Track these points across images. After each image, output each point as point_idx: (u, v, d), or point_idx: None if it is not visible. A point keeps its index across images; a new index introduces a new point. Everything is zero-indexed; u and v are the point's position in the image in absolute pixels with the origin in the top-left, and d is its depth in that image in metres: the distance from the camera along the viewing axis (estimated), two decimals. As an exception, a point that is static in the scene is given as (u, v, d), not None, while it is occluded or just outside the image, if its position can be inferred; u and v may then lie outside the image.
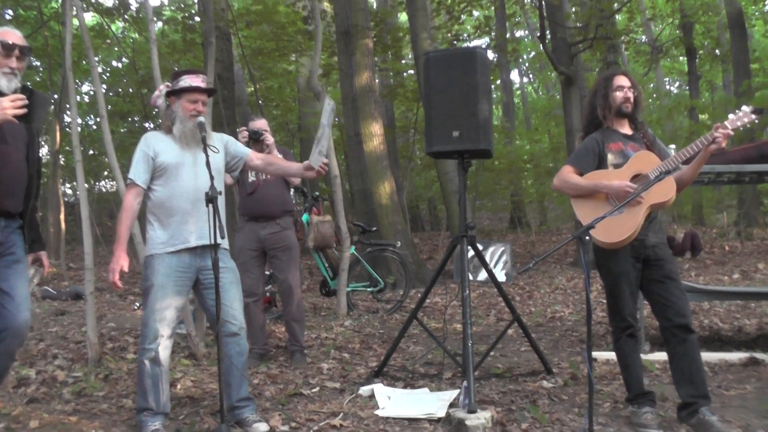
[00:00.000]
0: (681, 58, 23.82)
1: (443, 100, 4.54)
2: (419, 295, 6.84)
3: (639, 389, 3.81)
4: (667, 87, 29.61)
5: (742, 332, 6.46)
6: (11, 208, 3.44)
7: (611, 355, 4.53)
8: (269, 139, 5.35)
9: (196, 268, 3.71)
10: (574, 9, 13.56)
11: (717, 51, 20.29)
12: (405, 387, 4.63)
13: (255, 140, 5.33)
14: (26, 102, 3.16)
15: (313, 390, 4.60)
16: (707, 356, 5.12)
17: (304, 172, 3.96)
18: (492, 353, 5.32)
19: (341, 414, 3.99)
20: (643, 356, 4.83)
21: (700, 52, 20.58)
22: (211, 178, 3.44)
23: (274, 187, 5.52)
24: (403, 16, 19.58)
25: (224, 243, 3.74)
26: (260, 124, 5.49)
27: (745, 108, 3.64)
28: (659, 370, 4.93)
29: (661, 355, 4.74)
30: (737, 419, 3.84)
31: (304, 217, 7.78)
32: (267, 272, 7.72)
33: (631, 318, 3.79)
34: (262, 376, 4.96)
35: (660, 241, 3.82)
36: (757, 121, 3.62)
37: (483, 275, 9.82)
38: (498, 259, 10.29)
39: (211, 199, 3.39)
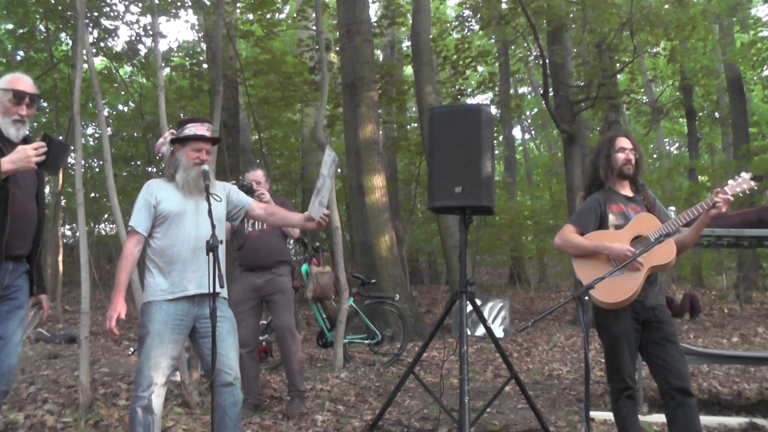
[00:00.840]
0: (681, 119, 24.10)
1: (447, 156, 4.58)
2: (416, 348, 6.79)
3: (636, 450, 3.76)
4: (667, 148, 29.85)
5: (741, 396, 6.40)
6: (21, 251, 3.46)
7: (609, 416, 4.47)
8: (266, 196, 5.32)
9: (193, 317, 3.69)
10: (576, 68, 13.76)
11: (716, 114, 20.57)
12: (400, 442, 4.57)
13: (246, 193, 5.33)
14: (46, 149, 3.23)
15: (307, 443, 4.53)
16: (706, 420, 5.06)
17: (305, 223, 3.96)
18: (489, 410, 5.26)
19: (334, 468, 3.93)
20: (641, 417, 4.77)
21: (700, 114, 20.86)
22: (213, 227, 3.45)
23: (269, 237, 5.56)
24: (408, 70, 19.86)
25: (223, 292, 3.73)
26: (255, 176, 5.55)
27: (744, 174, 3.69)
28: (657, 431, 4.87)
29: (660, 417, 4.68)
30: (736, 486, 3.77)
31: (304, 268, 7.76)
32: (263, 321, 7.71)
33: (630, 379, 3.76)
34: (255, 426, 4.89)
35: (659, 303, 3.82)
36: (756, 188, 3.66)
37: (481, 330, 9.76)
38: (496, 315, 10.23)
39: (212, 248, 3.39)
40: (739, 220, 5.89)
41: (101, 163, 14.23)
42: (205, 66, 14.25)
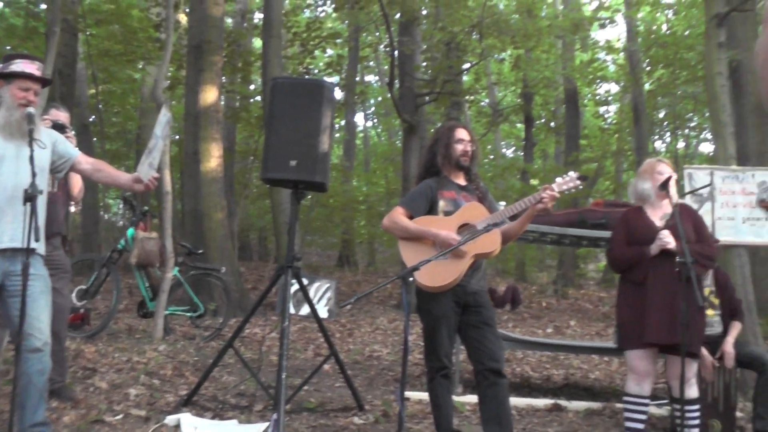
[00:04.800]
0: (519, 124, 25.24)
1: (285, 128, 4.49)
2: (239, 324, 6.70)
3: (448, 428, 3.91)
4: (504, 150, 31.30)
5: (549, 381, 6.90)
6: None
7: (424, 396, 4.63)
8: (73, 139, 4.75)
9: (2, 272, 3.41)
10: (424, 62, 14.08)
11: (552, 123, 21.82)
12: (214, 417, 4.49)
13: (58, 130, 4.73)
14: None
15: (117, 417, 4.33)
16: (516, 401, 5.42)
17: (133, 184, 3.76)
18: (306, 387, 5.29)
19: (143, 443, 3.80)
20: (455, 397, 5.00)
21: (537, 121, 22.02)
22: (33, 174, 3.19)
23: (56, 203, 4.79)
24: (257, 42, 19.49)
25: (40, 248, 3.46)
26: (59, 115, 4.83)
27: (571, 173, 3.92)
28: (469, 411, 5.12)
29: (473, 398, 4.90)
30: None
31: (130, 232, 7.43)
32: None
33: (446, 359, 3.90)
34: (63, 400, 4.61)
35: (481, 288, 3.98)
36: (581, 187, 3.91)
37: (306, 309, 9.78)
38: (322, 295, 10.31)
39: (30, 197, 3.13)
40: (563, 219, 6.31)
41: None
42: (43, 6, 13.23)
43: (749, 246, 6.57)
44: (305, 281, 4.94)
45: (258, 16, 19.58)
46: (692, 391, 4.07)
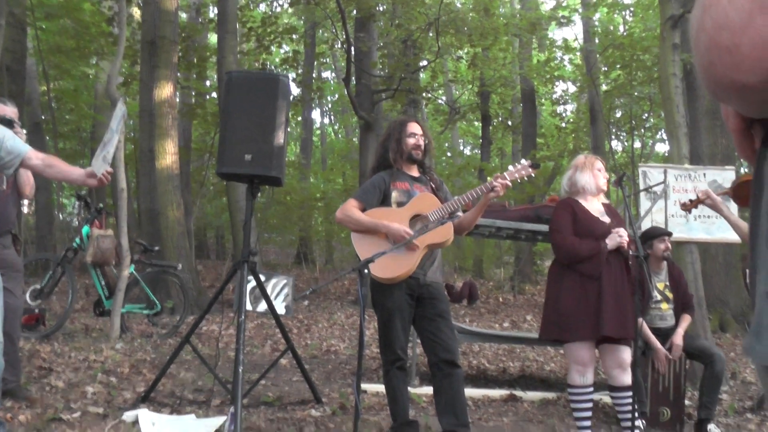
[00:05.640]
0: (476, 122, 25.48)
1: (240, 122, 4.46)
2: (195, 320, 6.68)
3: (404, 418, 3.96)
4: (461, 148, 31.54)
5: (506, 373, 7.02)
6: None
7: (381, 388, 4.69)
8: (23, 135, 4.52)
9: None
10: (381, 59, 14.13)
11: (509, 122, 22.04)
12: (172, 413, 4.48)
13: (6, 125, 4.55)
14: None
15: (74, 415, 4.29)
16: (472, 392, 5.51)
17: (86, 179, 3.70)
18: (264, 382, 5.31)
19: (101, 440, 3.78)
20: (411, 389, 5.08)
21: (495, 120, 22.23)
22: (-24, 171, 3.14)
23: (8, 201, 4.70)
24: (212, 38, 19.34)
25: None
26: (5, 110, 4.59)
27: (524, 161, 4.01)
28: (426, 402, 5.19)
29: (429, 390, 4.97)
30: (491, 447, 4.15)
31: (85, 230, 7.33)
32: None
33: (401, 351, 3.95)
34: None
35: (435, 280, 4.04)
36: (533, 175, 3.98)
37: (263, 306, 9.77)
38: (279, 291, 10.30)
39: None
40: (519, 214, 6.42)
41: None
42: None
43: (700, 243, 6.75)
44: (263, 278, 4.94)
45: (213, 11, 19.44)
46: (627, 378, 4.19)
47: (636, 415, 3.96)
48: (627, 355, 4.15)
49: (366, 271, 3.34)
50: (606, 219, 4.27)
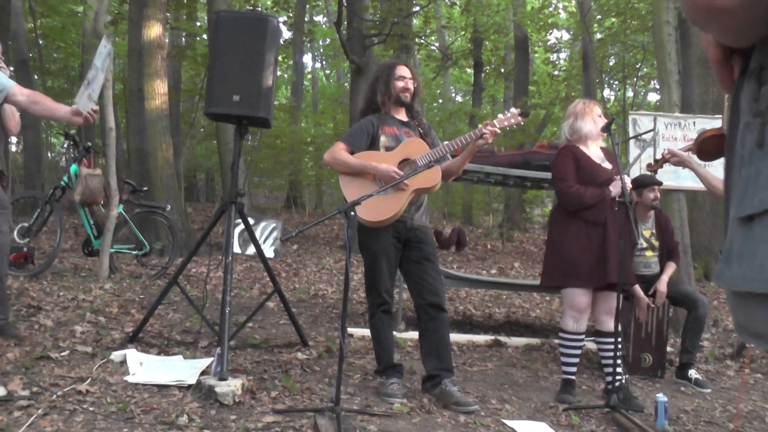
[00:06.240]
0: (469, 69, 25.24)
1: (228, 62, 4.41)
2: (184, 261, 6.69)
3: (388, 362, 4.02)
4: (453, 95, 31.31)
5: (491, 319, 7.12)
6: None
7: (367, 332, 4.74)
8: (6, 69, 4.65)
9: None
10: (372, 3, 13.90)
11: (502, 69, 21.85)
12: (159, 353, 4.53)
13: None
14: None
15: (63, 354, 4.32)
16: (457, 337, 5.60)
17: (72, 116, 3.67)
18: (251, 324, 5.37)
19: (89, 379, 3.80)
20: (397, 334, 5.14)
21: (487, 67, 22.02)
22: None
23: None
24: (202, -23, 18.92)
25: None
26: None
27: (513, 110, 4.00)
28: (411, 347, 5.26)
29: (415, 335, 5.04)
30: (476, 391, 4.24)
31: (73, 169, 7.28)
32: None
33: (387, 295, 3.98)
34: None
35: (422, 225, 4.05)
36: (522, 123, 3.97)
37: (252, 249, 9.77)
38: (268, 235, 10.30)
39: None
40: (507, 160, 6.42)
41: None
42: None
43: (688, 191, 6.79)
44: (251, 221, 4.93)
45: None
46: (611, 325, 4.26)
47: (618, 361, 4.04)
48: (615, 301, 4.21)
49: (353, 213, 3.34)
50: (607, 165, 4.29)
